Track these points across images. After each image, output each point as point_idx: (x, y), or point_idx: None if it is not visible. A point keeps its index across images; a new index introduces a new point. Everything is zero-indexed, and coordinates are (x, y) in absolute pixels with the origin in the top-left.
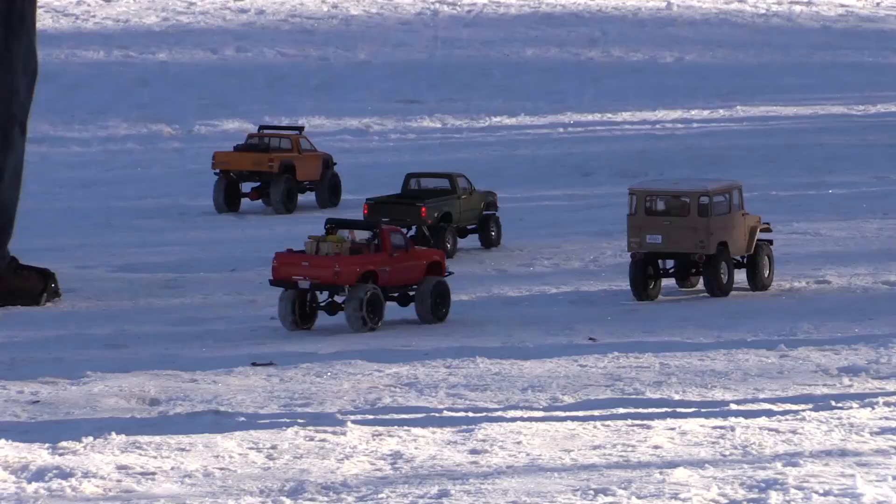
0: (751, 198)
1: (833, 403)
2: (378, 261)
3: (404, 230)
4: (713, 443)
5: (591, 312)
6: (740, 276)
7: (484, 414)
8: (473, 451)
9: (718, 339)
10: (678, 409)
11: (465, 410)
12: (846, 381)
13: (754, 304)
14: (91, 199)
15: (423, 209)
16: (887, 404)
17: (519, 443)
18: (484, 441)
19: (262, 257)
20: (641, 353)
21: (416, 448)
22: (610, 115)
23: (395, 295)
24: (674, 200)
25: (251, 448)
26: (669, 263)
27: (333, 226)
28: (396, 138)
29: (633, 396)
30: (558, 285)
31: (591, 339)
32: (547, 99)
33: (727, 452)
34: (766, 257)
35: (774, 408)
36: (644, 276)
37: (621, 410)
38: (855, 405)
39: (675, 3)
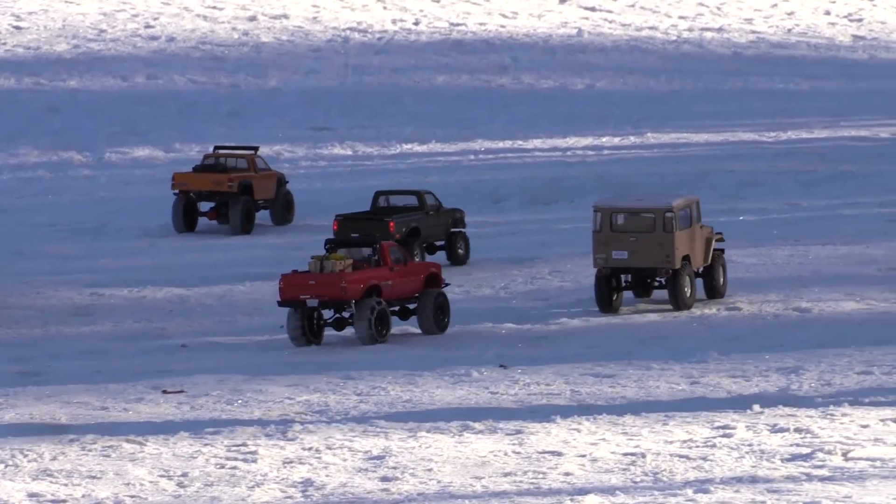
0: None
1: (744, 430)
2: (381, 275)
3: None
4: (624, 470)
5: (501, 339)
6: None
7: (395, 441)
8: (384, 479)
9: (629, 365)
10: (589, 436)
11: (376, 438)
12: (757, 407)
13: (665, 331)
14: (1, 226)
15: (392, 224)
16: (798, 431)
17: (430, 470)
18: (395, 468)
19: (175, 278)
20: (552, 380)
21: (326, 475)
22: (521, 143)
23: (396, 309)
24: (639, 217)
25: (162, 476)
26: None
27: (333, 245)
28: (307, 165)
29: (544, 423)
30: (469, 312)
31: (501, 365)
32: (458, 126)
33: (638, 479)
34: (720, 267)
35: (685, 434)
36: (609, 290)
37: (532, 437)
38: (766, 432)
39: (585, 31)
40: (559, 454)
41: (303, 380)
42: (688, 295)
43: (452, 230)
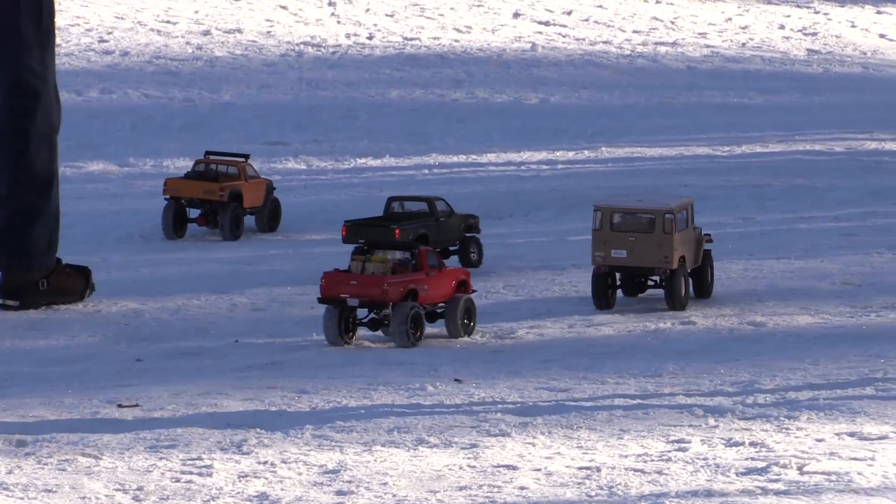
0: None
1: (699, 444)
2: (418, 280)
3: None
4: (579, 483)
5: (455, 354)
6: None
7: (350, 455)
8: (339, 493)
9: (584, 379)
10: (544, 450)
11: (331, 451)
12: (712, 421)
13: (620, 345)
14: None
15: (397, 231)
16: (753, 444)
17: (385, 484)
18: (350, 482)
19: (128, 291)
20: (507, 394)
21: (282, 489)
22: (475, 157)
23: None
24: (639, 217)
25: (117, 489)
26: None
27: (370, 247)
28: None
29: (499, 437)
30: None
31: (456, 380)
32: (412, 140)
33: (593, 493)
34: (709, 267)
35: (640, 448)
36: (605, 287)
37: (487, 451)
38: (721, 446)
39: (539, 45)
40: (514, 468)
41: (258, 394)
42: (683, 294)
43: (466, 235)
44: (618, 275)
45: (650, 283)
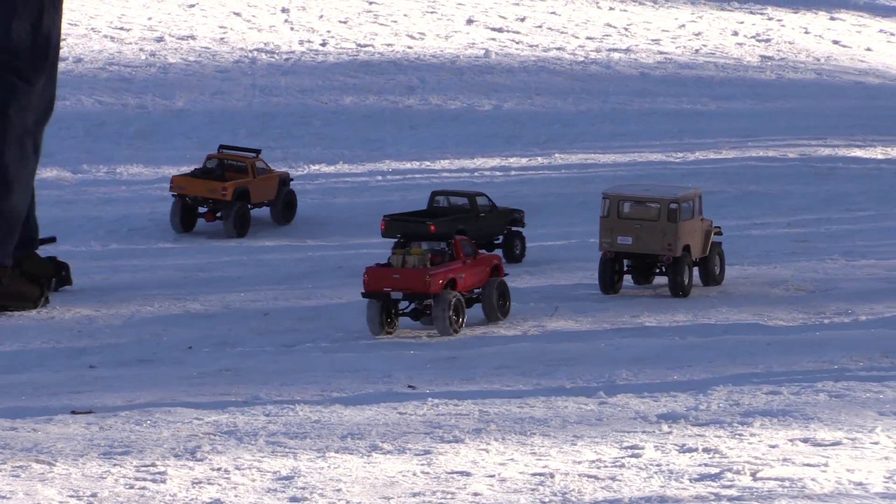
0: (569, 245)
1: (652, 450)
2: (457, 269)
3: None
4: (532, 490)
5: (409, 361)
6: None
7: (303, 462)
8: (293, 500)
9: (537, 385)
10: (498, 457)
11: (285, 458)
12: (665, 427)
13: (573, 352)
14: None
15: (433, 227)
16: (706, 451)
17: (339, 490)
18: (304, 489)
19: (81, 299)
20: (461, 400)
21: (235, 496)
22: (428, 163)
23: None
24: (645, 205)
25: (71, 496)
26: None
27: (408, 240)
28: None
29: (453, 443)
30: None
31: (410, 386)
32: (365, 147)
33: (547, 499)
34: (717, 256)
35: (594, 454)
36: (612, 272)
37: (441, 458)
38: (674, 452)
39: (493, 52)
40: (468, 474)
41: (211, 401)
42: (686, 282)
43: (511, 229)
44: (626, 262)
45: (655, 270)
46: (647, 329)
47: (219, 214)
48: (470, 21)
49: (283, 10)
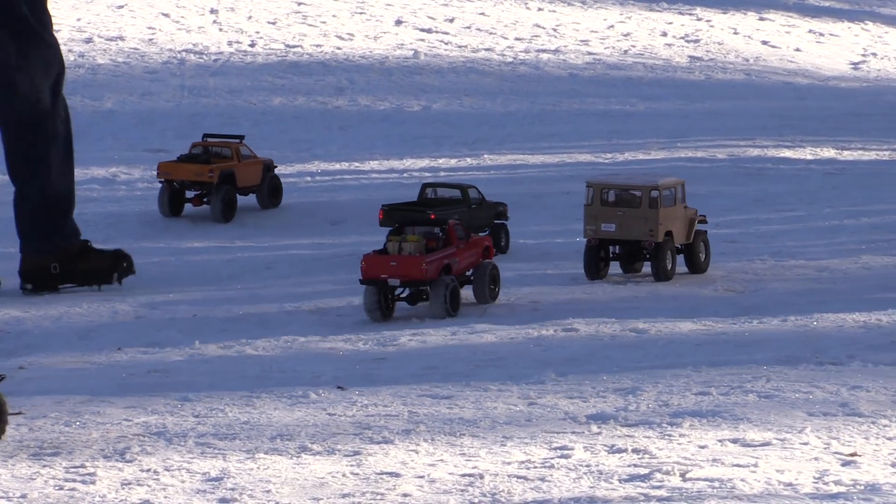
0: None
1: (582, 451)
2: (451, 254)
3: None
4: (462, 490)
5: (337, 361)
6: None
7: (233, 463)
8: (223, 500)
9: (466, 386)
10: (427, 457)
11: (214, 459)
12: (595, 428)
13: (502, 352)
14: None
15: (433, 216)
16: (636, 451)
17: (268, 491)
18: (233, 490)
19: (8, 301)
20: (390, 401)
21: (165, 497)
22: (357, 164)
23: None
24: (627, 193)
25: (1, 497)
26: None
27: (401, 226)
28: (144, 187)
29: (382, 444)
30: (305, 335)
31: (339, 387)
32: (294, 148)
33: (476, 500)
34: (702, 243)
35: (523, 455)
36: (597, 259)
37: (370, 459)
38: (603, 452)
39: (421, 52)
40: (397, 475)
41: (140, 401)
42: (668, 267)
43: (496, 222)
44: (612, 249)
45: (642, 257)
46: (576, 329)
47: (206, 200)
48: (399, 22)
49: (212, 11)
